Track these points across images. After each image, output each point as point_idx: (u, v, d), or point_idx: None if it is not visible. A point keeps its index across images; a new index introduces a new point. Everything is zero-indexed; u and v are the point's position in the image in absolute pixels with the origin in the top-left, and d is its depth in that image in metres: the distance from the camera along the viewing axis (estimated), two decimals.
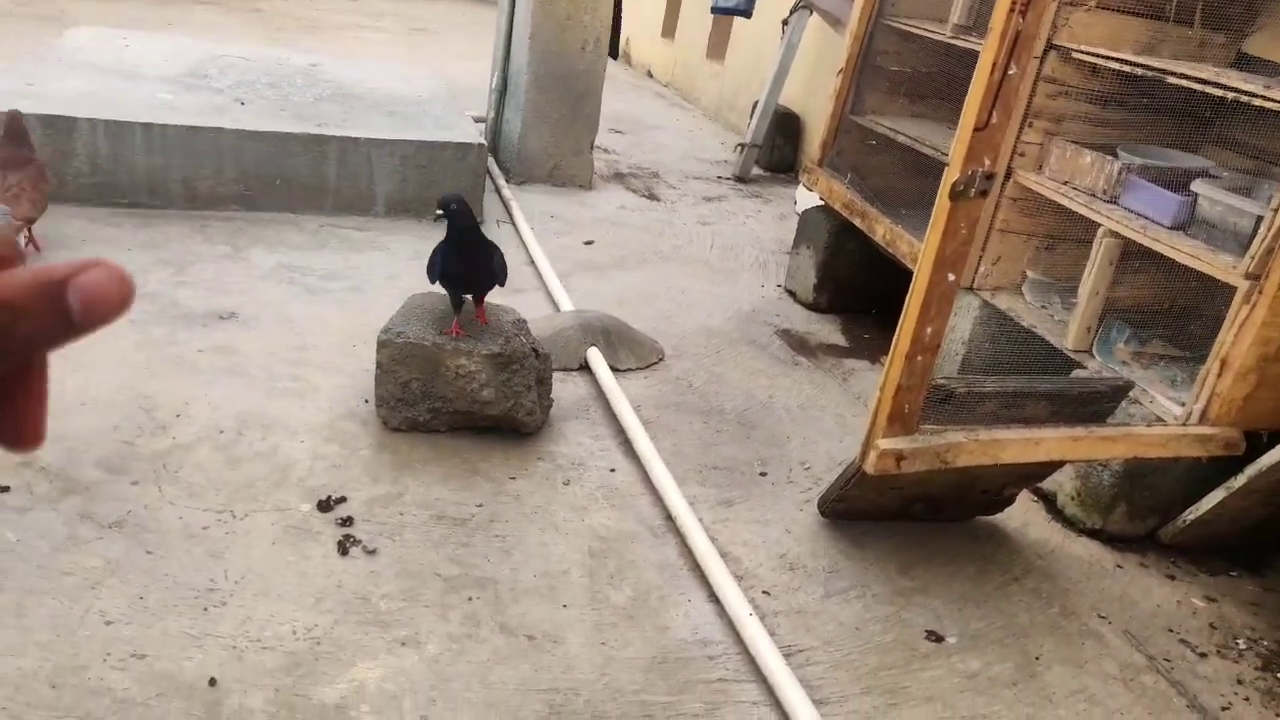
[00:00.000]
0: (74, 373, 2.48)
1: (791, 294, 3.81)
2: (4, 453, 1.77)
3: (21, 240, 3.02)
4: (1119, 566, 2.40)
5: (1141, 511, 2.46)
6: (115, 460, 2.18)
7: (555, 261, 3.68)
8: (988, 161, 1.73)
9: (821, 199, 3.69)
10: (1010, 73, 1.66)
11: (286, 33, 7.24)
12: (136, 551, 1.92)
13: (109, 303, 0.31)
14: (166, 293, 2.99)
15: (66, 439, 2.22)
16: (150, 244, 3.32)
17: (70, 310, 0.31)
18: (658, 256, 4.03)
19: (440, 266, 2.35)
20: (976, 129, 1.69)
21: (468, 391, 2.41)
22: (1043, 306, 2.87)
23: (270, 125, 3.70)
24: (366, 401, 2.54)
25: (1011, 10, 1.62)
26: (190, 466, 2.20)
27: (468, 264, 2.36)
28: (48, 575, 1.83)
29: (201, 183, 3.61)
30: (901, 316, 1.87)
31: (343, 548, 2.02)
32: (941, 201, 1.75)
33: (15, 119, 3.07)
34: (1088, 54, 2.61)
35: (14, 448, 0.36)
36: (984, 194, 1.75)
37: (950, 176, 1.72)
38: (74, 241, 3.24)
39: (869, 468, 1.94)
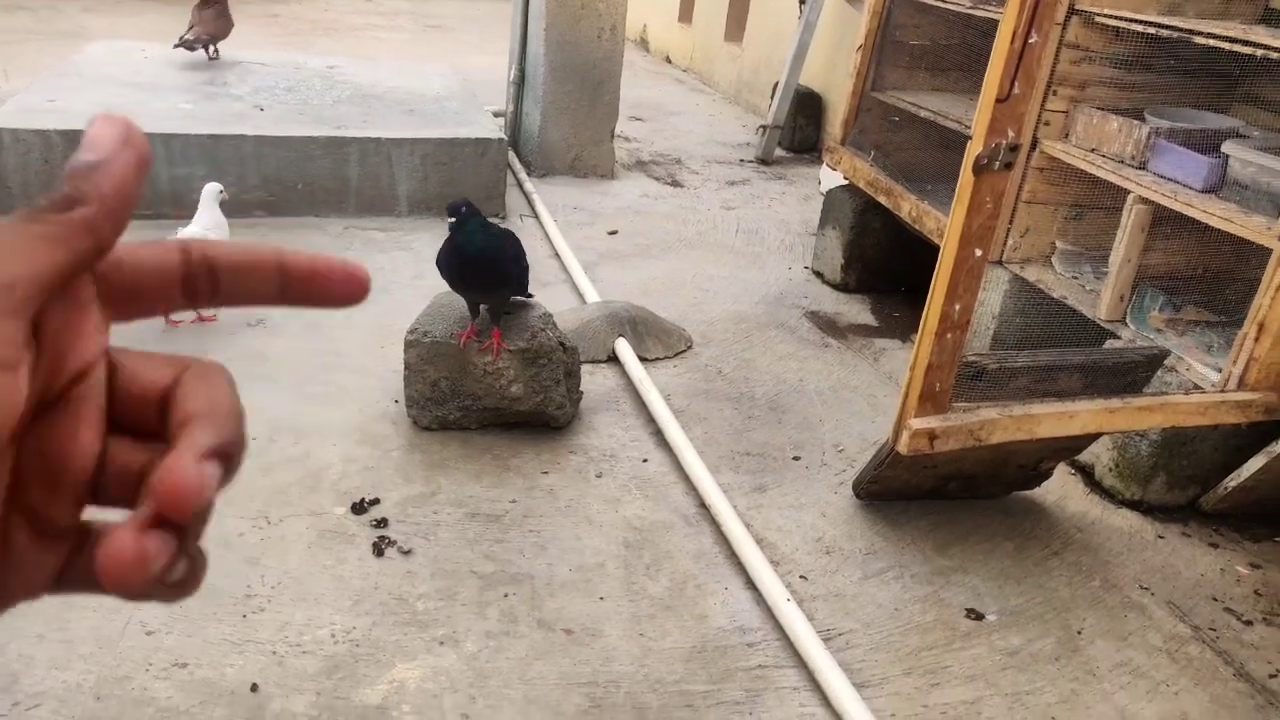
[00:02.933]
0: None
1: (819, 275, 3.78)
2: None
3: (210, 51, 4.50)
4: (1160, 537, 2.36)
5: (1181, 480, 2.42)
6: None
7: (579, 253, 3.68)
8: (1011, 133, 1.69)
9: (845, 178, 3.65)
10: (1031, 41, 1.63)
11: (302, 36, 7.27)
12: None
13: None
14: None
15: None
16: None
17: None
18: (682, 243, 4.01)
19: (443, 267, 2.33)
20: (999, 100, 1.66)
21: (496, 388, 2.41)
22: (1074, 277, 2.82)
23: (290, 130, 3.72)
24: (396, 402, 2.55)
25: None
26: None
27: (467, 267, 2.29)
28: None
29: (225, 190, 3.63)
30: (929, 294, 1.85)
31: (378, 549, 2.04)
32: (965, 176, 1.72)
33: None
34: (1111, 17, 2.55)
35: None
36: (1009, 166, 1.72)
37: (973, 150, 1.69)
38: None
39: (902, 448, 1.92)
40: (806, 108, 5.57)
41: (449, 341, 2.39)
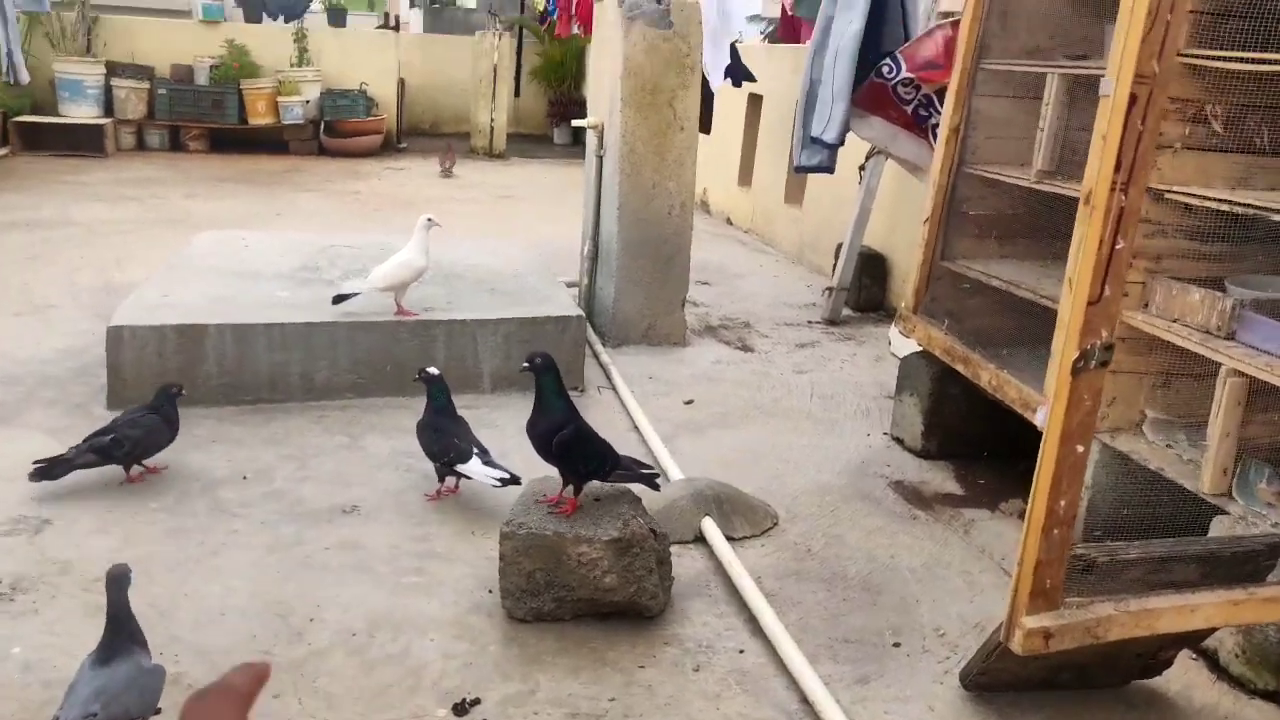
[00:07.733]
0: (211, 581, 2.57)
1: (899, 441, 3.77)
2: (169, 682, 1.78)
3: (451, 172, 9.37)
4: None
5: None
6: None
7: (657, 424, 3.73)
8: (1105, 333, 1.72)
9: (920, 345, 3.68)
10: (1119, 247, 1.67)
11: (383, 212, 7.65)
12: None
13: None
14: (292, 489, 3.11)
15: (210, 652, 2.28)
16: (273, 439, 3.47)
17: None
18: (759, 411, 4.04)
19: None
20: (1090, 303, 1.69)
21: (590, 579, 2.42)
22: (1168, 445, 2.78)
23: (379, 315, 3.88)
24: (490, 591, 2.56)
25: (1113, 188, 1.64)
26: (326, 675, 2.23)
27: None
28: None
29: (318, 374, 3.79)
30: (1032, 490, 1.84)
31: None
32: (1063, 376, 1.74)
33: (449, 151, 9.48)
34: (1180, 193, 2.60)
35: None
36: (1104, 365, 1.74)
37: (1069, 354, 1.71)
38: (203, 442, 3.40)
39: (1016, 648, 1.88)
40: (870, 268, 5.67)
41: (544, 533, 2.42)
